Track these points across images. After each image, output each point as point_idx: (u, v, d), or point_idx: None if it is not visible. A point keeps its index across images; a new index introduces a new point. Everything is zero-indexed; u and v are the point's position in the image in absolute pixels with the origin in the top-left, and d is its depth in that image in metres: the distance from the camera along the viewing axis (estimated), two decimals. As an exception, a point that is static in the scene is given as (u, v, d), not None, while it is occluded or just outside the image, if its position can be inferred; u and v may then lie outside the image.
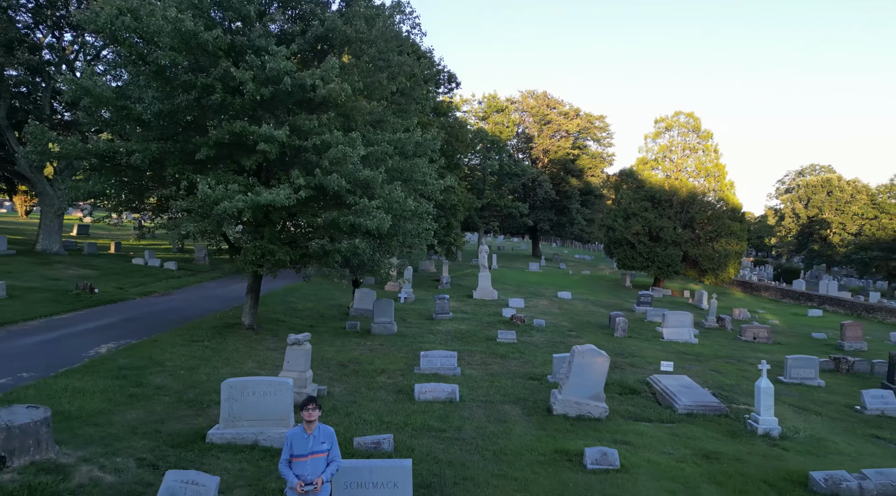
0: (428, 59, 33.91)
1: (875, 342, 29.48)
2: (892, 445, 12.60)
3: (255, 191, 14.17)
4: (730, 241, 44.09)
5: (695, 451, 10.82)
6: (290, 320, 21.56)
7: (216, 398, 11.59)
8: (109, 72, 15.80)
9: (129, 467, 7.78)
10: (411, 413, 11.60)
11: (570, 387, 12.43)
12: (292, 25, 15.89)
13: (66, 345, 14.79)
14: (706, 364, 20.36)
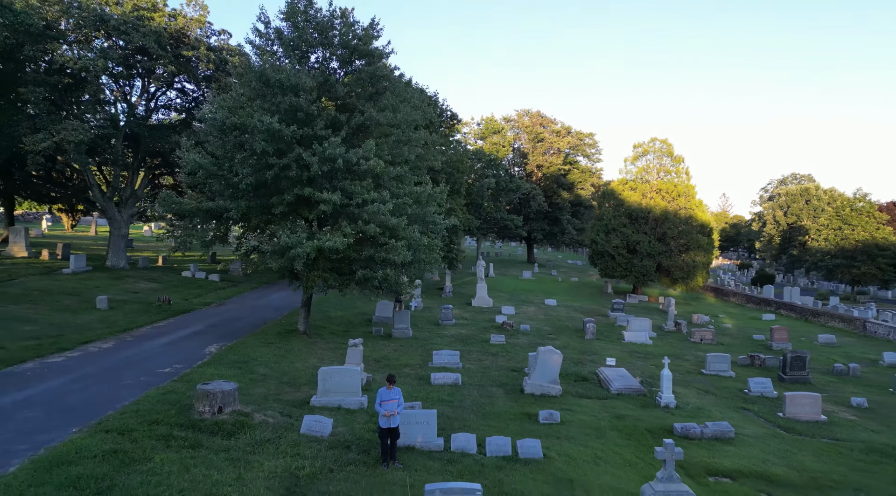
0: (434, 102, 40.00)
1: (803, 342, 35.60)
2: (750, 413, 18.73)
3: (318, 237, 20.26)
4: (698, 254, 50.19)
5: (612, 415, 16.94)
6: (330, 326, 27.67)
7: (302, 381, 17.73)
8: (215, 151, 21.75)
9: (277, 415, 13.87)
10: (430, 391, 17.69)
11: (535, 375, 18.54)
12: (339, 115, 21.92)
13: (185, 346, 20.90)
14: (651, 360, 26.42)
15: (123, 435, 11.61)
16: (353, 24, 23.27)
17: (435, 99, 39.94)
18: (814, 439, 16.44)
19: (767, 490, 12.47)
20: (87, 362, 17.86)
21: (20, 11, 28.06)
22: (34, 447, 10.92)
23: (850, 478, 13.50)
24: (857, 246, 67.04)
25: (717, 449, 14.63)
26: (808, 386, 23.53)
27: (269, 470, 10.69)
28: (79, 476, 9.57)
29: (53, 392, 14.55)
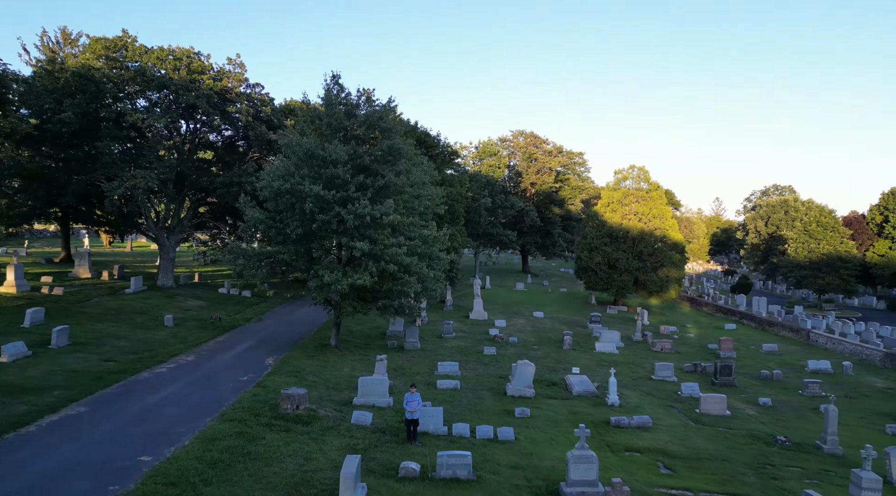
0: (436, 141, 46.33)
1: (750, 351, 41.93)
2: (675, 410, 25.08)
3: (350, 275, 26.60)
4: (671, 269, 56.56)
5: (569, 411, 23.29)
6: (353, 340, 34.02)
7: (343, 386, 24.06)
8: (268, 205, 28.07)
9: (333, 411, 20.21)
10: (436, 394, 23.99)
11: (515, 382, 24.90)
12: (366, 179, 28.23)
13: (249, 358, 27.27)
14: (618, 367, 32.69)
15: (241, 423, 17.98)
16: (374, 102, 29.74)
17: (437, 138, 46.24)
18: (713, 428, 22.81)
19: (662, 460, 18.82)
20: (185, 372, 24.23)
21: (99, 81, 34.44)
22: (189, 430, 17.28)
23: (724, 453, 19.87)
24: (823, 258, 73.36)
25: (638, 434, 20.98)
26: (733, 389, 29.92)
27: (336, 445, 17.03)
28: (227, 446, 15.94)
29: (177, 395, 20.92)
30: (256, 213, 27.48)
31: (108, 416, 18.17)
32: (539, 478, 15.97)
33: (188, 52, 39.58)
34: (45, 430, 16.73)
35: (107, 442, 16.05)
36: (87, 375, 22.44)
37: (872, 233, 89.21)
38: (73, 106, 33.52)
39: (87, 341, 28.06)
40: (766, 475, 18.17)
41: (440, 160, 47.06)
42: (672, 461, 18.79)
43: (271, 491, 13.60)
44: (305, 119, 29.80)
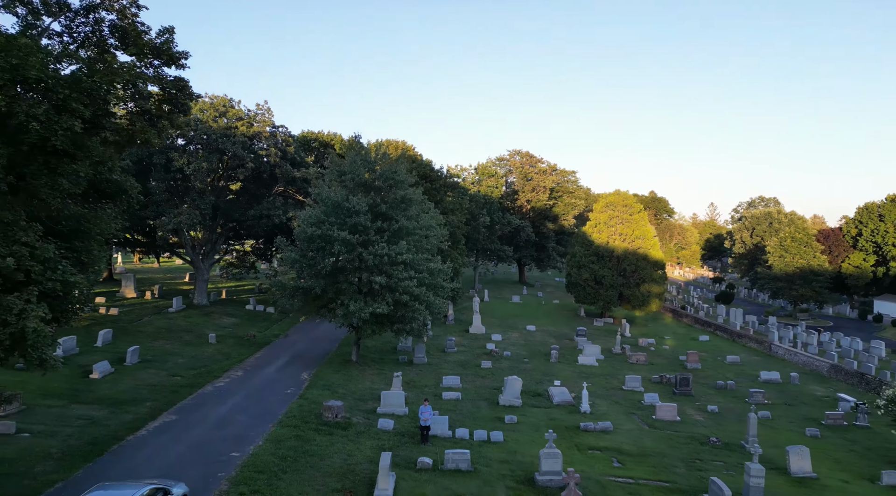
0: (439, 175, 52.12)
1: (715, 362, 47.67)
2: (635, 416, 30.86)
3: (371, 305, 32.37)
4: (652, 285, 62.32)
5: (549, 418, 29.09)
6: (369, 355, 39.77)
7: (367, 397, 29.83)
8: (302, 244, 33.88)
9: (362, 419, 26.01)
10: (442, 404, 29.75)
11: (505, 393, 30.70)
12: (383, 223, 34.00)
13: (288, 373, 33.07)
14: (591, 379, 38.49)
15: (295, 428, 23.79)
16: (387, 156, 35.59)
17: (439, 172, 52.01)
18: (662, 431, 28.60)
19: (616, 456, 24.59)
20: (239, 386, 30.04)
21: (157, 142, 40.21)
22: (259, 434, 23.07)
23: (665, 451, 25.65)
24: (797, 271, 79.12)
25: (600, 437, 26.77)
26: (689, 397, 35.71)
27: (368, 445, 22.83)
28: (290, 445, 21.75)
29: (240, 405, 26.72)
30: (292, 253, 33.35)
31: (195, 423, 23.99)
32: (520, 469, 21.76)
33: (224, 101, 45.42)
34: (153, 434, 22.54)
35: (202, 442, 21.87)
36: (165, 389, 28.27)
37: (848, 245, 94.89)
38: (131, 154, 39.36)
39: (153, 358, 33.88)
40: (694, 467, 23.94)
41: (442, 191, 52.86)
42: (623, 457, 24.58)
43: (328, 477, 19.42)
44: (332, 173, 35.63)
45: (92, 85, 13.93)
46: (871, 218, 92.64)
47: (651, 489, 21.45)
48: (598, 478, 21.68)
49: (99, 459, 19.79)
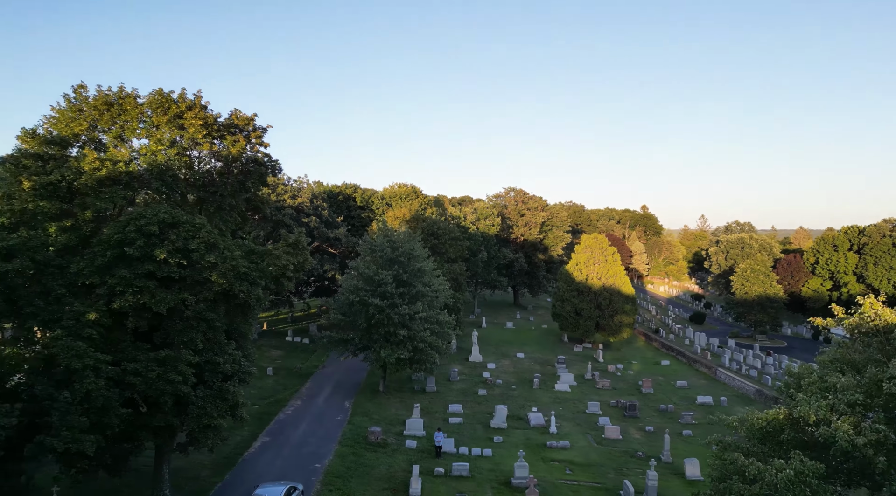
0: (444, 230, 63.65)
1: (668, 386, 59.03)
2: (590, 436, 42.32)
3: (397, 352, 43.85)
4: (623, 317, 73.77)
5: (525, 437, 40.58)
6: (391, 385, 51.12)
7: (395, 422, 41.36)
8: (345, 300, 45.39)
9: (394, 440, 37.52)
10: (449, 427, 41.18)
11: (495, 418, 42.25)
12: (404, 289, 45.47)
13: (334, 402, 44.57)
14: (563, 404, 49.89)
15: (350, 447, 35.33)
16: (409, 240, 47.17)
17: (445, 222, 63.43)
18: (606, 447, 40.00)
19: (569, 466, 36.03)
20: (302, 414, 41.52)
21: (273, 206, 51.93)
22: (328, 451, 34.58)
23: (605, 462, 37.09)
24: (755, 298, 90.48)
25: (560, 451, 38.19)
26: (635, 419, 47.08)
27: (401, 459, 34.35)
28: (350, 459, 33.33)
29: (308, 430, 38.19)
30: (338, 316, 44.93)
31: (283, 444, 35.52)
32: (502, 475, 33.22)
33: (280, 180, 57.07)
34: (259, 451, 34.07)
35: (293, 457, 33.38)
36: (252, 416, 39.71)
37: (808, 271, 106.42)
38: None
39: (233, 391, 45.40)
40: (621, 474, 35.34)
41: (446, 245, 64.26)
42: (574, 466, 36.05)
43: (378, 481, 30.94)
44: (366, 250, 47.03)
45: (264, 268, 25.11)
46: (826, 247, 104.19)
47: (588, 488, 32.95)
48: (553, 482, 33.19)
49: (234, 469, 31.35)
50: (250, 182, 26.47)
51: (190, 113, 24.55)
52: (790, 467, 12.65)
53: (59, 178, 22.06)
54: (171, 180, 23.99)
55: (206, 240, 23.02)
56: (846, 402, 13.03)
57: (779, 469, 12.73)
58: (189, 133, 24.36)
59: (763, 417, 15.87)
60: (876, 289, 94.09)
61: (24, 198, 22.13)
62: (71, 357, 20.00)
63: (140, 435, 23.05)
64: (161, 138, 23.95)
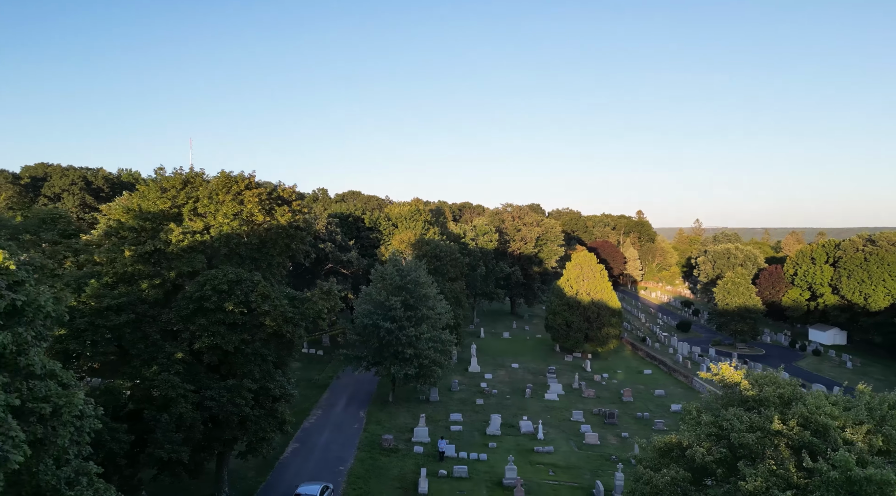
0: (449, 255, 70.29)
1: (648, 395, 65.61)
2: (572, 442, 48.96)
3: (405, 368, 50.46)
4: (610, 329, 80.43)
5: (516, 443, 47.22)
6: (400, 395, 57.74)
7: (403, 429, 48.03)
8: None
9: (404, 446, 44.12)
10: (450, 434, 47.77)
11: (490, 426, 48.90)
12: (411, 313, 52.05)
13: (350, 412, 51.20)
14: (551, 412, 56.49)
15: (367, 452, 42.01)
16: (416, 269, 53.73)
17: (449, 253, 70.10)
18: (585, 451, 46.60)
19: (552, 468, 42.65)
20: (324, 422, 48.15)
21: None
22: (350, 456, 41.25)
23: (582, 464, 43.71)
24: (736, 310, 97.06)
25: (545, 456, 44.82)
26: (613, 426, 53.68)
27: (411, 462, 41.01)
28: (368, 462, 40.01)
29: (331, 437, 44.83)
30: (353, 336, 51.53)
31: (311, 449, 42.16)
32: (496, 477, 39.84)
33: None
34: (291, 455, 40.71)
35: (321, 460, 40.03)
36: (282, 426, 46.31)
37: (788, 281, 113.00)
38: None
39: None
40: (596, 475, 41.93)
41: (447, 266, 70.83)
42: (556, 468, 42.68)
43: (392, 481, 37.59)
44: (377, 277, 53.59)
45: (305, 311, 31.61)
46: (805, 260, 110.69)
47: (566, 488, 39.61)
48: (538, 482, 39.83)
49: (273, 470, 38.02)
50: (294, 244, 33.10)
51: (248, 191, 31.14)
52: (668, 475, 19.10)
53: (152, 248, 28.66)
54: (235, 246, 30.59)
55: (262, 292, 29.63)
56: (705, 434, 19.43)
57: (661, 476, 19.12)
58: (247, 208, 30.95)
59: (661, 440, 22.38)
60: (849, 300, 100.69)
61: (125, 262, 28.69)
62: (168, 388, 26.60)
63: (213, 445, 29.70)
64: (227, 213, 30.50)
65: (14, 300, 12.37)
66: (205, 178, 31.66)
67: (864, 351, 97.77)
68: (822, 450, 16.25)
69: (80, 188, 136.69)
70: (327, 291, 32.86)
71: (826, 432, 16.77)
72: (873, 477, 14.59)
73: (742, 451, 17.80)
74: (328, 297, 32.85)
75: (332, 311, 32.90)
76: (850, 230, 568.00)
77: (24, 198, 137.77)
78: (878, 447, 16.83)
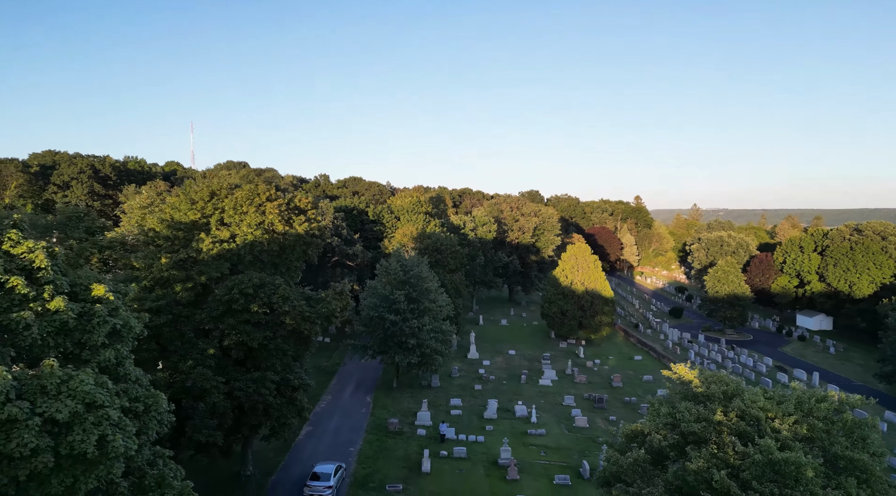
0: (448, 247, 73.87)
1: (636, 380, 69.59)
2: (563, 425, 52.97)
3: (409, 357, 54.33)
4: (602, 317, 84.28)
5: (511, 426, 51.24)
6: (403, 381, 61.68)
7: (407, 413, 52.02)
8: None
9: (408, 429, 48.11)
10: (451, 418, 51.73)
11: (488, 410, 52.88)
12: (414, 306, 55.76)
13: (357, 397, 55.17)
14: (545, 397, 60.50)
15: (375, 434, 46.02)
16: (418, 264, 57.37)
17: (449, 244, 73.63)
18: (575, 434, 50.61)
19: (543, 449, 46.67)
20: (334, 407, 52.14)
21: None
22: (359, 438, 45.26)
23: (572, 446, 47.74)
24: (725, 297, 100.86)
25: (538, 438, 48.79)
26: (602, 410, 57.68)
27: (415, 444, 45.01)
28: (376, 444, 44.05)
29: (340, 422, 48.80)
30: (360, 327, 55.29)
31: (323, 432, 46.14)
32: (492, 457, 43.84)
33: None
34: (306, 438, 44.70)
35: (332, 443, 44.02)
36: (295, 410, 50.29)
37: (777, 269, 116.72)
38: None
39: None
40: (583, 455, 45.94)
41: (447, 258, 74.39)
42: (547, 449, 46.68)
43: (398, 461, 41.61)
44: (382, 272, 57.19)
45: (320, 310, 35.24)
46: (793, 248, 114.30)
47: (556, 467, 43.62)
48: (530, 461, 43.84)
49: (290, 451, 42.02)
50: (310, 250, 36.66)
51: (269, 203, 34.64)
52: (632, 456, 22.85)
53: (186, 256, 32.24)
54: (258, 253, 34.16)
55: (282, 294, 33.27)
56: (663, 423, 23.13)
57: (626, 458, 22.89)
58: (269, 218, 34.47)
59: (629, 428, 26.13)
60: (835, 287, 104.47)
61: (161, 268, 32.27)
62: (202, 380, 30.35)
63: (241, 430, 33.57)
64: (250, 223, 34.02)
65: (115, 324, 15.88)
66: (230, 190, 35.11)
67: (848, 336, 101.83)
68: (753, 437, 19.92)
69: (88, 176, 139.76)
70: (340, 292, 36.49)
71: (758, 422, 20.46)
72: (789, 459, 18.26)
73: (690, 438, 21.50)
74: (341, 298, 36.49)
75: (344, 310, 36.51)
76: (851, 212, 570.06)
77: (34, 186, 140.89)
78: (802, 434, 20.52)
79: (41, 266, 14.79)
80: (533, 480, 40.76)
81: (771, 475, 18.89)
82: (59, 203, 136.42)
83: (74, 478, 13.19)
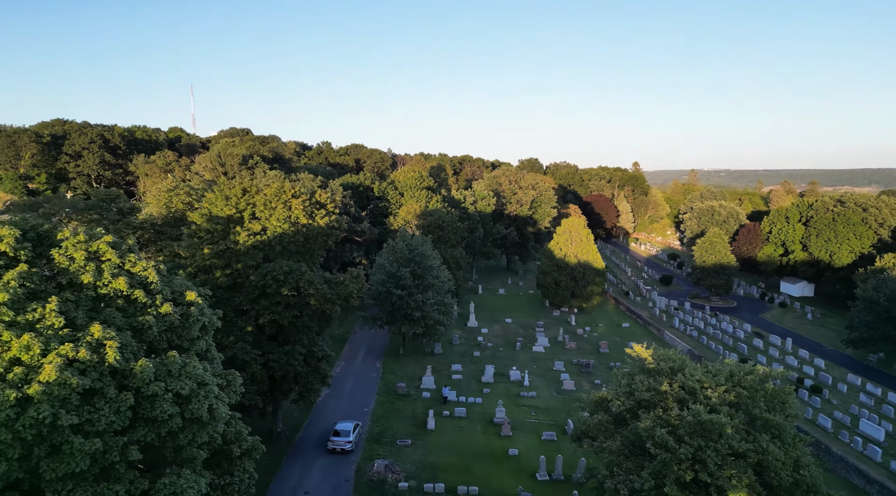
0: (448, 225, 79.09)
1: (620, 347, 75.63)
2: (552, 388, 59.18)
3: (414, 328, 60.17)
4: (594, 287, 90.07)
5: (506, 389, 57.41)
6: (408, 348, 67.71)
7: (413, 378, 58.19)
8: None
9: (415, 392, 54.24)
10: (452, 382, 57.86)
11: (485, 375, 59.00)
12: (416, 281, 61.33)
13: (368, 364, 61.27)
14: (537, 362, 66.63)
15: (386, 396, 52.21)
16: (422, 244, 62.74)
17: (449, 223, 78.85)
18: (562, 396, 56.77)
19: (533, 409, 52.86)
20: (348, 373, 58.26)
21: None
22: (371, 399, 51.44)
23: (560, 406, 53.94)
24: (712, 266, 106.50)
25: (528, 400, 54.98)
26: (589, 375, 63.85)
27: (420, 405, 51.20)
28: (387, 406, 50.29)
29: (355, 386, 54.94)
30: (370, 301, 61.00)
31: (339, 395, 52.31)
32: (488, 416, 50.04)
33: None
34: (325, 399, 50.87)
35: (349, 404, 50.19)
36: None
37: (763, 238, 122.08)
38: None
39: (294, 355, 62.09)
40: (569, 414, 52.08)
41: (449, 234, 79.68)
42: (537, 410, 52.87)
43: (406, 419, 47.84)
44: (389, 250, 62.52)
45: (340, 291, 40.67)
46: (779, 219, 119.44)
47: (544, 425, 49.86)
48: (521, 420, 50.06)
49: (313, 411, 48.20)
50: (330, 240, 41.97)
51: (294, 200, 39.78)
52: (597, 419, 28.63)
53: (225, 247, 37.58)
54: (287, 243, 39.47)
55: (307, 279, 38.72)
56: (622, 392, 28.96)
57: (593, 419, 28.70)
58: (294, 213, 39.66)
59: (596, 395, 31.91)
60: (816, 257, 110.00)
61: (202, 257, 37.65)
62: (244, 353, 36.07)
63: (275, 395, 39.50)
64: (279, 217, 39.22)
65: (204, 321, 21.24)
66: (259, 189, 40.19)
67: (828, 303, 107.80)
68: (689, 403, 25.56)
69: (98, 146, 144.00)
70: (356, 276, 41.91)
71: (694, 392, 26.08)
72: (713, 419, 23.89)
73: (643, 403, 27.18)
74: (357, 281, 41.92)
75: (360, 291, 41.99)
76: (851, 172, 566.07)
77: (48, 155, 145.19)
78: (729, 400, 26.17)
79: (152, 280, 20.02)
80: (524, 436, 46.99)
81: (701, 431, 24.62)
82: (71, 172, 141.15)
83: (194, 434, 18.76)
